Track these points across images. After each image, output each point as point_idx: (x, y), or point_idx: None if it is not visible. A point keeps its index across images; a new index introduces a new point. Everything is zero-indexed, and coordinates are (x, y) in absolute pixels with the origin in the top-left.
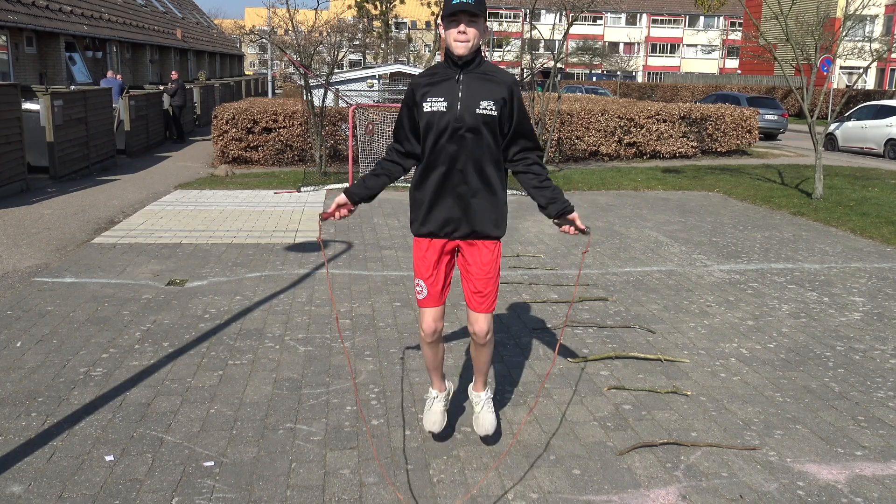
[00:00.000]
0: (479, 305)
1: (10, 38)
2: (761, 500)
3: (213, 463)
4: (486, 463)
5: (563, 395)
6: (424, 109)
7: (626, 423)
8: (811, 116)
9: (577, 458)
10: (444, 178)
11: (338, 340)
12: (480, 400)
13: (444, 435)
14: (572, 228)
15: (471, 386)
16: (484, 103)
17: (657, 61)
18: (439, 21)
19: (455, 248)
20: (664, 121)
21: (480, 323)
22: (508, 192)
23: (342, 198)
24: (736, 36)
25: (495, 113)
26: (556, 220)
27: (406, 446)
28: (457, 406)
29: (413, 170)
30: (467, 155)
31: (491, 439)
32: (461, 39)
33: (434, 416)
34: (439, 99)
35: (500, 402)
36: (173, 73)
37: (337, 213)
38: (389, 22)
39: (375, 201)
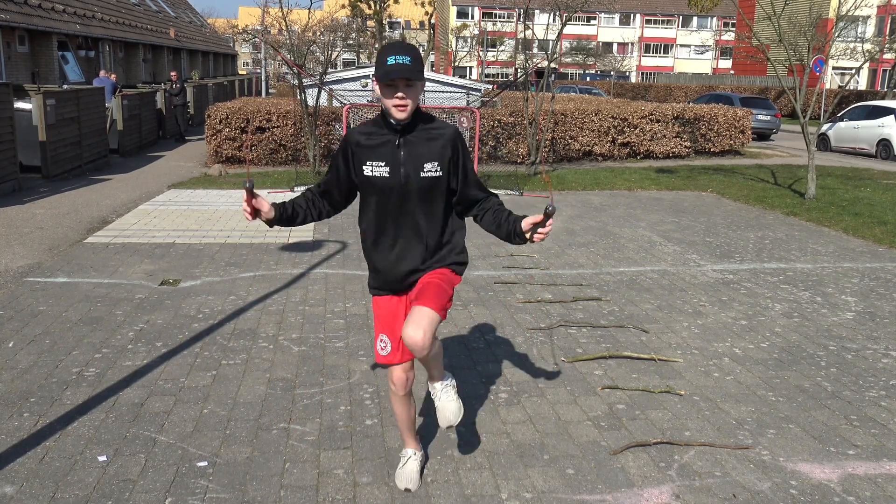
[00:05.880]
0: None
1: (1, 36)
2: (754, 499)
3: (206, 463)
4: (480, 463)
5: (556, 394)
6: (365, 174)
7: (619, 422)
8: (804, 117)
9: (571, 457)
10: (395, 236)
11: (332, 340)
12: (437, 391)
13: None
14: (541, 231)
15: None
16: (428, 166)
17: (651, 61)
18: (373, 76)
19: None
20: (658, 121)
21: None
22: (502, 192)
23: (267, 205)
24: (729, 36)
25: (441, 174)
26: (526, 237)
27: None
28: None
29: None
30: (417, 213)
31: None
32: (400, 106)
33: (409, 473)
34: (380, 164)
35: (493, 402)
36: (173, 73)
37: (247, 204)
38: (383, 21)
39: None
